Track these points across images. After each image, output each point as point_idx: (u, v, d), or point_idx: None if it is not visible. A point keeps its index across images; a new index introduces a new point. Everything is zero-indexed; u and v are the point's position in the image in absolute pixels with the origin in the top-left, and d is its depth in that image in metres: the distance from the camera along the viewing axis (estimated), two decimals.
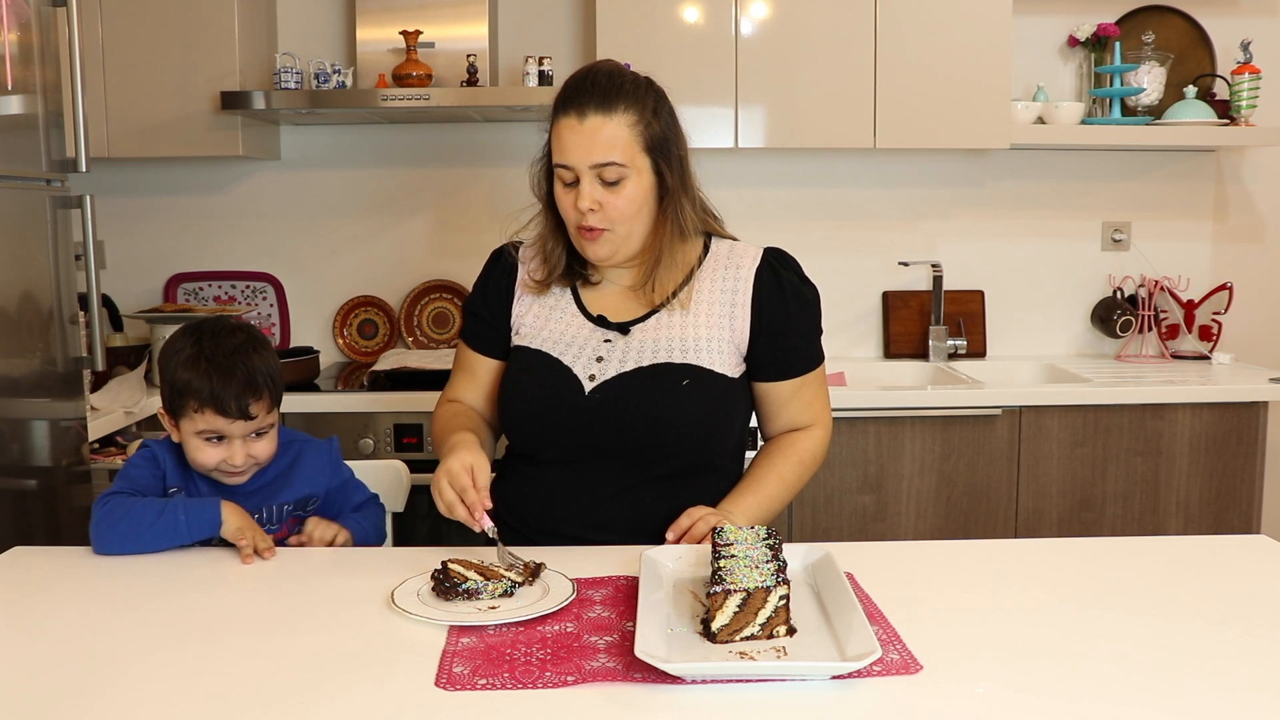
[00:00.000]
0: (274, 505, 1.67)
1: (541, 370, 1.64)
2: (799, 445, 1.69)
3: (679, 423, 1.56)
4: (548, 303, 1.69)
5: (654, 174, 1.57)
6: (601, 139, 1.52)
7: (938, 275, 3.24)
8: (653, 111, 1.56)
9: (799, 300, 1.67)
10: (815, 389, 1.70)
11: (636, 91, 1.56)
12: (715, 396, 1.60)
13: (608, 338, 1.63)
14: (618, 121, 1.52)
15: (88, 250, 2.31)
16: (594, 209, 1.54)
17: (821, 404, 1.72)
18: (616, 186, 1.54)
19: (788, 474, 1.66)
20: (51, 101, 2.23)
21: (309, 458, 1.72)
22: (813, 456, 1.70)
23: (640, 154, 1.55)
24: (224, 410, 1.57)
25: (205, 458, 1.60)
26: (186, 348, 1.61)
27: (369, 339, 3.34)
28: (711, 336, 1.60)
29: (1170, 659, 1.15)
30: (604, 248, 1.58)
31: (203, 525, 1.52)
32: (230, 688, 1.10)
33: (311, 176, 3.29)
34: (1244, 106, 3.09)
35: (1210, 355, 3.20)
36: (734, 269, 1.65)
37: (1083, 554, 1.53)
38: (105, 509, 1.52)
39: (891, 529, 2.79)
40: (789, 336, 1.65)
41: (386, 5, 3.00)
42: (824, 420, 1.72)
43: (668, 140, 1.57)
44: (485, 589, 1.31)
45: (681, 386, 1.56)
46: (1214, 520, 2.83)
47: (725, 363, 1.61)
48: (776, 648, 1.16)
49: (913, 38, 2.92)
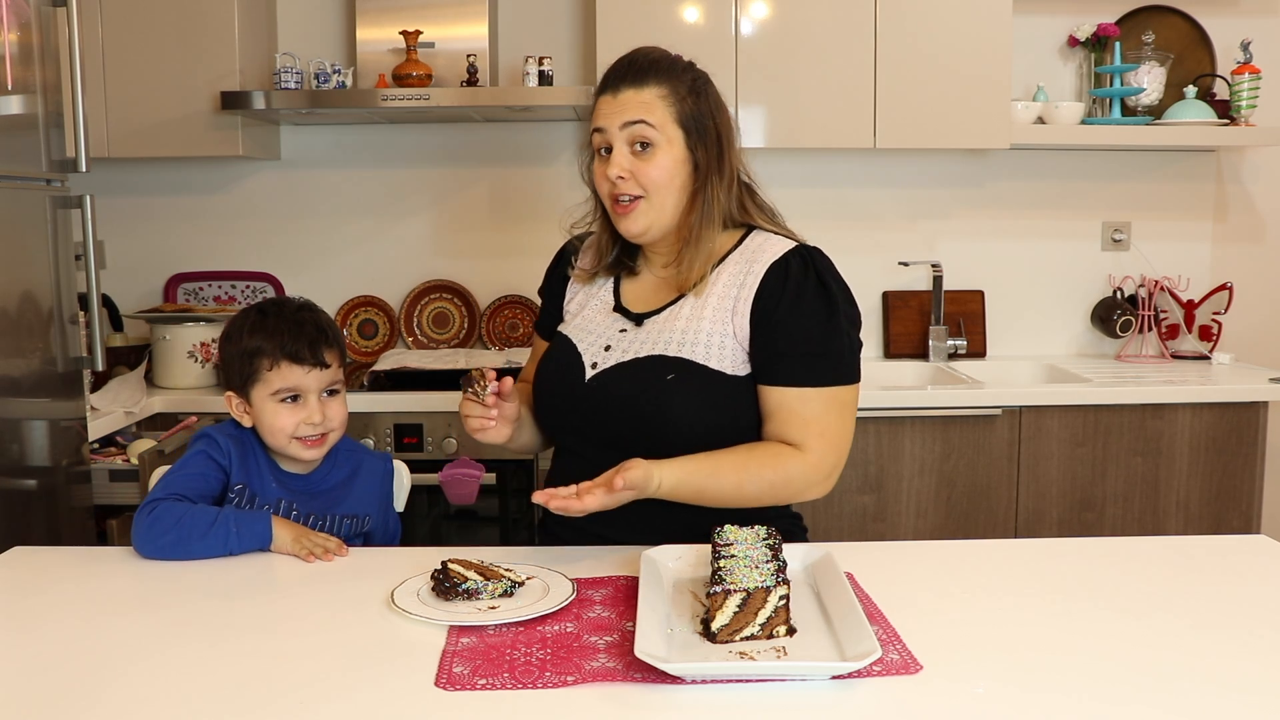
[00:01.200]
0: (335, 515, 1.68)
1: (559, 355, 1.67)
2: (779, 460, 1.52)
3: (661, 417, 1.54)
4: (590, 291, 1.72)
5: (687, 149, 1.57)
6: (633, 104, 1.55)
7: (938, 275, 3.24)
8: (688, 88, 1.56)
9: (802, 305, 1.54)
10: (816, 410, 1.53)
11: (672, 69, 1.57)
12: (706, 393, 1.54)
13: (623, 327, 1.63)
14: (650, 93, 1.55)
15: (88, 250, 2.31)
16: (624, 176, 1.56)
17: (819, 430, 1.52)
18: (647, 152, 1.55)
19: (745, 479, 1.51)
20: (51, 101, 2.23)
21: (368, 468, 1.75)
22: (784, 478, 1.52)
23: (672, 124, 1.56)
24: (299, 358, 1.61)
25: (283, 421, 1.62)
26: (250, 318, 1.66)
27: (369, 339, 3.34)
28: (714, 331, 1.56)
29: (1170, 659, 1.15)
30: (637, 221, 1.58)
31: (253, 538, 1.52)
32: (230, 687, 1.10)
33: (311, 176, 3.29)
34: (1244, 106, 3.09)
35: (1210, 355, 3.20)
36: (752, 263, 1.58)
37: (1083, 554, 1.53)
38: (153, 515, 1.50)
39: (891, 529, 2.79)
40: (780, 341, 1.53)
41: (386, 5, 3.00)
42: (817, 448, 1.52)
43: (703, 119, 1.56)
44: (485, 589, 1.31)
45: (665, 381, 1.54)
46: (1214, 520, 2.83)
47: (725, 359, 1.55)
48: (776, 648, 1.16)
49: (913, 38, 2.92)
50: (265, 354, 1.62)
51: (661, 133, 1.55)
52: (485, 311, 3.31)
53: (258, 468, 1.66)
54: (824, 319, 1.54)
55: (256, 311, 1.67)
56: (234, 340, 1.66)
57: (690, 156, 1.57)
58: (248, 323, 1.65)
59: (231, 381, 1.67)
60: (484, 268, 3.31)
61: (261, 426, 1.65)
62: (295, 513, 1.65)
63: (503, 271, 3.31)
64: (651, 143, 1.55)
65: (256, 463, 1.66)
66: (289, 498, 1.65)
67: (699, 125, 1.56)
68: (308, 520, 1.65)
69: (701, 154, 1.57)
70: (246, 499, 1.63)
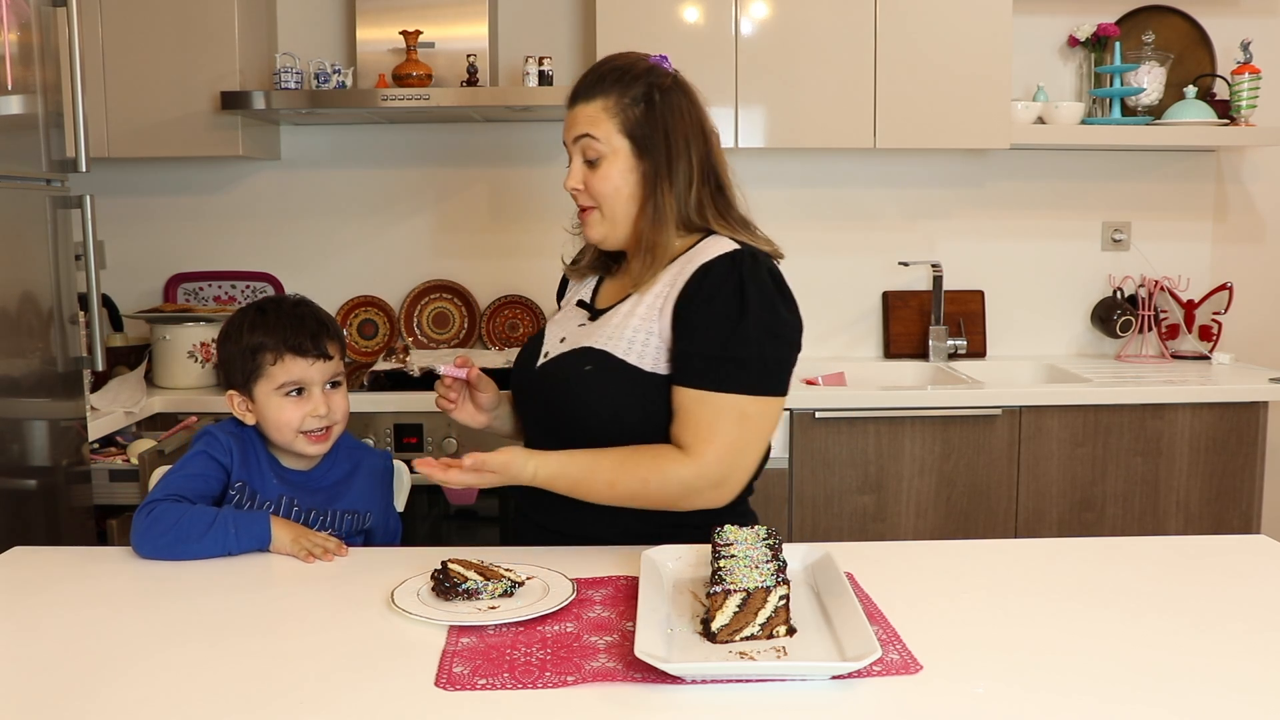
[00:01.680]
0: (336, 511, 1.69)
1: (528, 344, 1.74)
2: (660, 463, 1.49)
3: (576, 407, 1.57)
4: (578, 288, 1.77)
5: (634, 158, 1.58)
6: (581, 119, 1.60)
7: (938, 275, 3.24)
8: (634, 98, 1.58)
9: (713, 307, 1.51)
10: (709, 415, 1.49)
11: (622, 80, 1.59)
12: (619, 387, 1.55)
13: (582, 322, 1.67)
14: (596, 105, 1.59)
15: (88, 250, 2.31)
16: (578, 189, 1.61)
17: (708, 436, 1.48)
18: (596, 165, 1.59)
19: (620, 477, 1.49)
20: (51, 101, 2.23)
21: (367, 465, 1.76)
22: (661, 480, 1.48)
23: (617, 135, 1.58)
24: (302, 351, 1.63)
25: (289, 415, 1.63)
26: (249, 316, 1.67)
27: (369, 339, 3.34)
28: (640, 328, 1.57)
29: (1170, 659, 1.15)
30: (594, 230, 1.63)
31: (252, 539, 1.52)
32: (230, 687, 1.10)
33: (311, 176, 3.29)
34: (1244, 106, 3.09)
35: (1210, 355, 3.20)
36: (687, 264, 1.58)
37: (1083, 554, 1.53)
38: (152, 515, 1.51)
39: (891, 529, 2.79)
40: (687, 341, 1.52)
41: (386, 5, 3.01)
42: (704, 455, 1.48)
43: (651, 127, 1.57)
44: (485, 589, 1.31)
45: (583, 372, 1.57)
46: (1214, 520, 2.83)
47: (646, 357, 1.55)
48: (776, 648, 1.16)
49: (913, 38, 2.92)
50: (268, 349, 1.63)
51: (606, 144, 1.58)
52: (485, 311, 3.31)
53: (258, 465, 1.66)
54: (732, 324, 1.50)
55: (255, 309, 1.68)
56: (234, 338, 1.66)
57: (638, 165, 1.58)
58: (247, 320, 1.66)
59: (233, 380, 1.67)
60: (484, 268, 3.31)
61: (266, 423, 1.65)
62: (296, 509, 1.65)
63: (503, 271, 3.31)
64: (600, 155, 1.58)
65: (257, 460, 1.66)
66: (290, 494, 1.66)
67: (646, 133, 1.57)
68: (309, 516, 1.66)
69: (649, 162, 1.58)
70: (247, 496, 1.63)
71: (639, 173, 1.58)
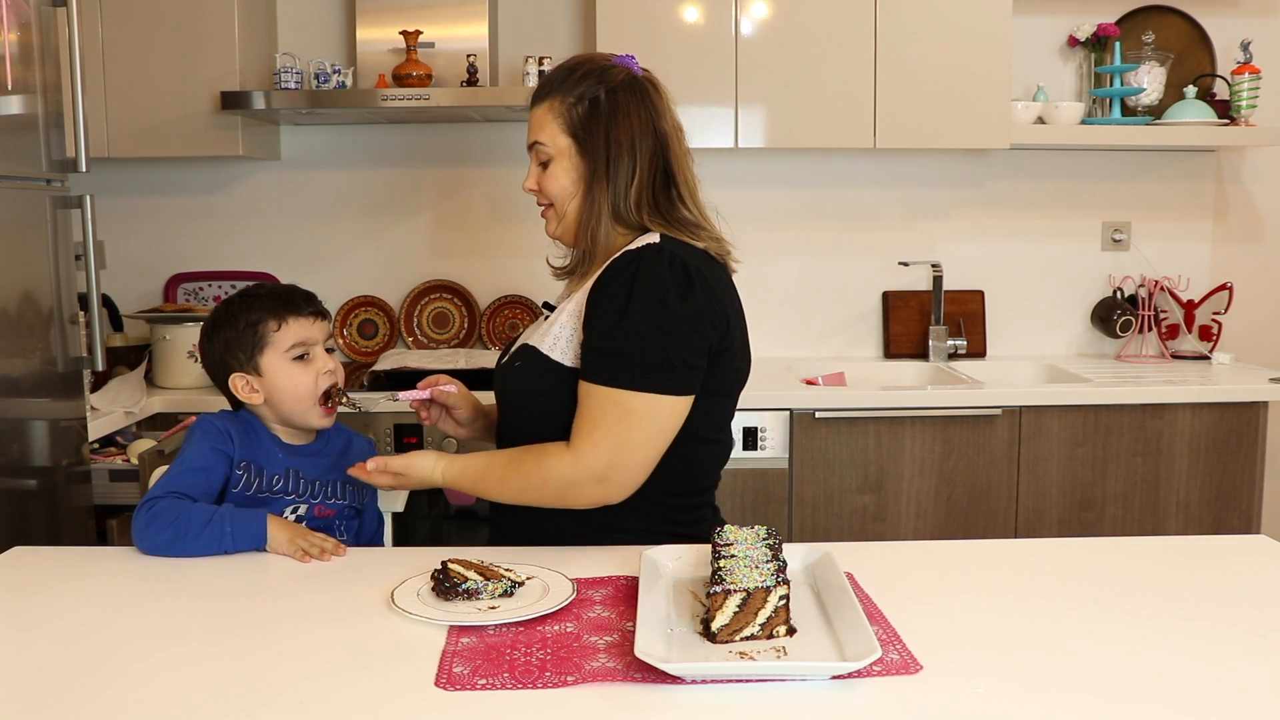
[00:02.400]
0: (338, 482, 1.71)
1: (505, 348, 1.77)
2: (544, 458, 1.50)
3: (510, 406, 1.65)
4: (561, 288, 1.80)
5: (579, 157, 1.60)
6: (533, 122, 1.64)
7: (938, 275, 3.24)
8: (579, 97, 1.59)
9: (603, 299, 1.51)
10: (592, 408, 1.48)
11: (567, 81, 1.61)
12: (538, 381, 1.58)
13: (540, 320, 1.72)
14: (544, 107, 1.62)
15: (88, 250, 2.31)
16: (533, 189, 1.66)
17: (588, 429, 1.47)
18: (546, 167, 1.63)
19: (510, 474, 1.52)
20: (51, 101, 2.23)
21: (357, 444, 1.80)
22: (543, 476, 1.49)
23: (562, 136, 1.60)
24: (301, 310, 1.68)
25: (303, 380, 1.65)
26: (234, 303, 1.69)
27: (369, 339, 3.34)
28: (565, 324, 1.58)
29: (1170, 659, 1.15)
30: (551, 226, 1.67)
31: (248, 538, 1.53)
32: (230, 687, 1.10)
33: (311, 176, 3.29)
34: (1244, 106, 3.09)
35: (1210, 355, 3.20)
36: (608, 261, 1.58)
37: (1083, 554, 1.53)
38: (151, 513, 1.52)
39: (891, 529, 2.79)
40: (585, 334, 1.53)
41: (386, 5, 3.01)
42: (581, 447, 1.47)
43: (590, 127, 1.58)
44: (485, 589, 1.31)
45: (514, 367, 1.63)
46: (1214, 520, 2.83)
47: (568, 352, 1.56)
48: (776, 648, 1.16)
49: (913, 38, 2.92)
50: (270, 318, 1.66)
51: (553, 146, 1.61)
52: (485, 311, 3.31)
53: (260, 442, 1.67)
54: (617, 317, 1.49)
55: (237, 296, 1.71)
56: (227, 324, 1.68)
57: (580, 164, 1.61)
58: (234, 305, 1.69)
59: (234, 363, 1.67)
60: (484, 268, 3.31)
61: (281, 393, 1.66)
62: (303, 480, 1.66)
63: (503, 271, 3.31)
64: (549, 158, 1.62)
65: (258, 437, 1.67)
66: (296, 465, 1.67)
67: (586, 133, 1.59)
68: (314, 487, 1.67)
69: (588, 161, 1.60)
70: (255, 474, 1.63)
71: (579, 172, 1.61)
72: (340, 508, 1.71)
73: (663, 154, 1.60)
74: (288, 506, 1.64)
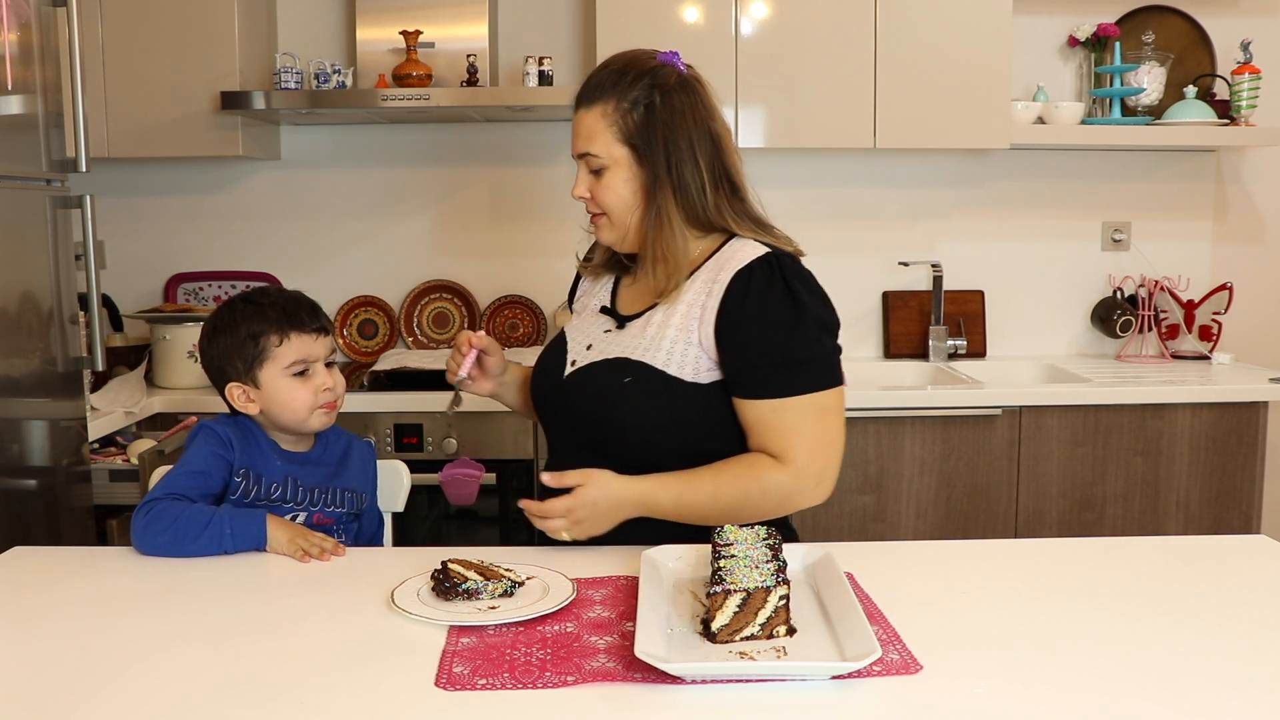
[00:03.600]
0: (337, 489, 1.71)
1: (551, 350, 1.71)
2: (758, 471, 1.51)
3: (616, 418, 1.56)
4: (594, 289, 1.75)
5: (636, 165, 1.56)
6: (582, 130, 1.58)
7: (938, 275, 3.24)
8: (634, 102, 1.55)
9: (768, 314, 1.51)
10: (792, 420, 1.50)
11: (620, 83, 1.56)
12: (660, 398, 1.54)
13: (608, 328, 1.64)
14: (595, 114, 1.57)
15: (88, 250, 2.31)
16: (585, 197, 1.61)
17: (797, 439, 1.50)
18: (599, 176, 1.58)
19: (724, 489, 1.50)
20: (51, 101, 2.23)
21: (357, 448, 1.79)
22: (764, 491, 1.50)
23: (616, 145, 1.56)
24: (303, 327, 1.65)
25: (302, 394, 1.64)
26: (238, 309, 1.67)
27: (369, 339, 3.34)
28: (678, 339, 1.55)
29: (1170, 659, 1.15)
30: (605, 234, 1.63)
31: (248, 539, 1.52)
32: (230, 687, 1.10)
33: (311, 176, 3.29)
34: (1244, 106, 3.09)
35: (1210, 355, 3.20)
36: (719, 271, 1.57)
37: (1083, 554, 1.53)
38: (150, 514, 1.51)
39: (891, 529, 2.79)
40: (746, 352, 1.51)
41: (386, 5, 3.01)
42: (797, 460, 1.50)
43: (649, 132, 1.55)
44: (485, 589, 1.31)
45: (623, 383, 1.55)
46: (1214, 520, 2.83)
47: (685, 366, 1.54)
48: (776, 648, 1.16)
49: (913, 38, 2.92)
50: (271, 331, 1.64)
51: (607, 156, 1.57)
52: (485, 311, 3.31)
53: (259, 450, 1.66)
54: (791, 326, 1.51)
55: (241, 300, 1.69)
56: (228, 330, 1.66)
57: (639, 173, 1.57)
58: (238, 311, 1.67)
59: (230, 372, 1.66)
60: (484, 268, 3.31)
61: (278, 406, 1.65)
62: (302, 489, 1.66)
63: (503, 271, 3.31)
64: (602, 167, 1.58)
65: (258, 445, 1.67)
66: (294, 473, 1.67)
67: (645, 139, 1.55)
68: (313, 495, 1.67)
69: (649, 169, 1.56)
70: (253, 481, 1.63)
71: (639, 180, 1.57)
72: (339, 515, 1.71)
73: (720, 155, 1.58)
74: (286, 514, 1.64)
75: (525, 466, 2.78)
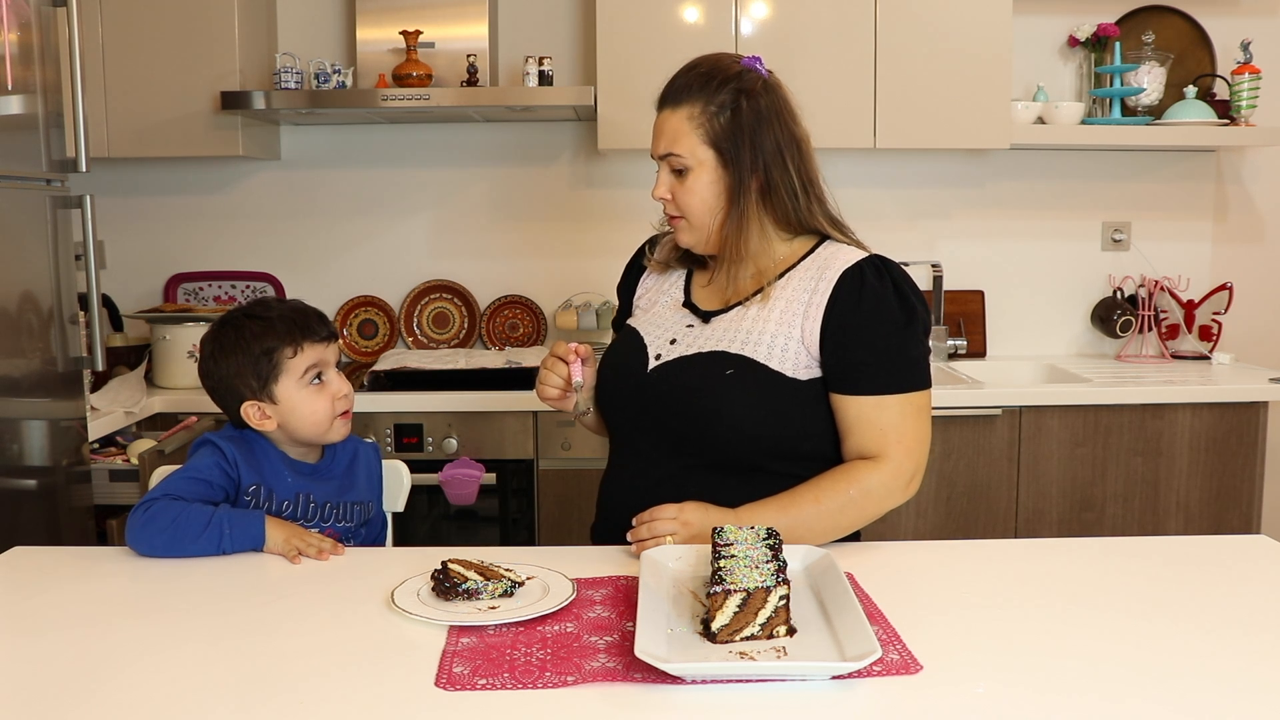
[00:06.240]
0: (347, 501, 1.70)
1: (625, 344, 1.69)
2: (854, 474, 1.54)
3: (717, 412, 1.55)
4: (662, 284, 1.74)
5: (721, 168, 1.57)
6: (666, 131, 1.59)
7: (938, 275, 3.24)
8: (721, 105, 1.56)
9: (877, 313, 1.54)
10: (893, 417, 1.54)
11: (707, 86, 1.57)
12: (764, 393, 1.55)
13: (691, 323, 1.65)
14: (680, 115, 1.57)
15: (88, 250, 2.31)
16: (666, 198, 1.61)
17: (896, 437, 1.54)
18: (683, 178, 1.59)
19: (825, 496, 1.53)
20: (51, 101, 2.23)
21: (363, 453, 1.78)
22: (864, 491, 1.53)
23: (701, 147, 1.57)
24: (315, 335, 1.65)
25: (320, 403, 1.64)
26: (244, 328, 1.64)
27: (369, 339, 3.34)
28: (779, 334, 1.56)
29: (1170, 659, 1.15)
30: (685, 236, 1.63)
31: (246, 539, 1.52)
32: (230, 687, 1.10)
33: (311, 176, 3.29)
34: (1244, 106, 3.09)
35: (1210, 355, 3.20)
36: (824, 270, 1.58)
37: (1083, 554, 1.53)
38: (148, 514, 1.51)
39: (891, 529, 2.79)
40: (855, 349, 1.54)
41: (386, 5, 3.01)
42: (894, 456, 1.54)
43: (736, 136, 1.56)
44: (485, 589, 1.31)
45: (725, 376, 1.55)
46: (1214, 520, 2.83)
47: (788, 362, 1.55)
48: (776, 648, 1.16)
49: (913, 38, 2.92)
50: (284, 344, 1.63)
51: (692, 158, 1.57)
52: (485, 311, 3.31)
53: (270, 464, 1.65)
54: (901, 326, 1.55)
55: (243, 316, 1.66)
56: (237, 351, 1.63)
57: (724, 176, 1.57)
58: (244, 331, 1.64)
59: (246, 391, 1.63)
60: (484, 268, 3.31)
61: (298, 419, 1.64)
62: (313, 504, 1.66)
63: (503, 271, 3.31)
64: (686, 169, 1.58)
65: (268, 459, 1.65)
66: (305, 488, 1.66)
67: (732, 142, 1.56)
68: (324, 509, 1.66)
69: (734, 173, 1.57)
70: (264, 497, 1.62)
71: (724, 184, 1.58)
72: (347, 529, 1.71)
73: (805, 158, 1.61)
74: None
75: (525, 466, 2.78)
